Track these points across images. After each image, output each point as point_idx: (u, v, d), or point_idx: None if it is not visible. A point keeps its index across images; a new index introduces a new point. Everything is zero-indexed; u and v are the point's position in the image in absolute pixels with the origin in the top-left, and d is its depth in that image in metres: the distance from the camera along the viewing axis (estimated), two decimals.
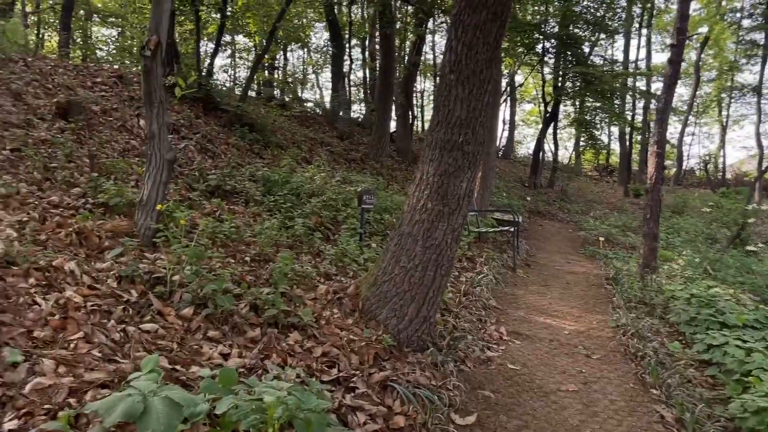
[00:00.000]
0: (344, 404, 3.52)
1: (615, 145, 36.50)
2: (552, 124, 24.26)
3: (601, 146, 31.06)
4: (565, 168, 29.16)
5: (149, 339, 3.49)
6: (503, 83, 25.62)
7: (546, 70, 23.80)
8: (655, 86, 31.20)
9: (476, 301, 6.94)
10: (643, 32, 31.81)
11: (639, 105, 30.92)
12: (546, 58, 22.55)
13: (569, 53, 21.00)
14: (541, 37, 20.76)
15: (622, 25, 23.97)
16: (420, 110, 31.63)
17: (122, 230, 5.00)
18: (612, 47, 32.00)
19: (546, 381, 5.04)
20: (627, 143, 30.29)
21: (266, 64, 23.62)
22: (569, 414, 4.42)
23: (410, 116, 19.96)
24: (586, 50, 22.24)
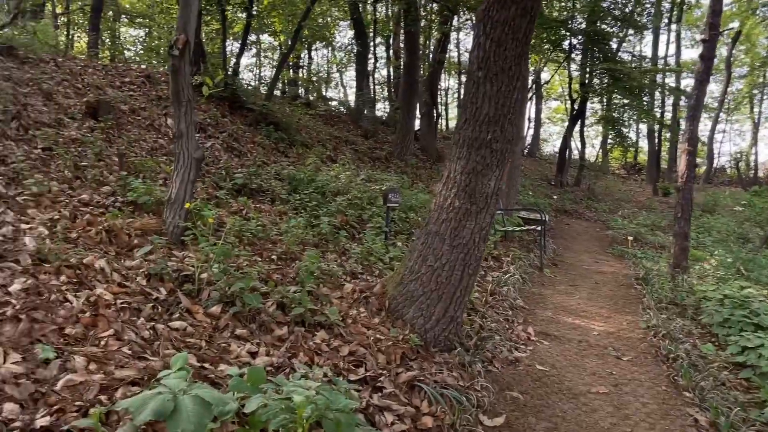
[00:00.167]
0: (371, 404, 3.50)
1: (643, 143, 35.95)
2: (579, 122, 23.94)
3: (629, 144, 30.55)
4: (592, 166, 28.73)
5: (178, 337, 3.51)
6: (529, 80, 25.35)
7: (573, 67, 23.49)
8: (685, 83, 30.66)
9: (503, 301, 6.87)
10: (673, 28, 31.16)
11: (668, 102, 30.33)
12: (573, 55, 22.25)
13: (596, 49, 20.67)
14: (568, 34, 20.45)
15: (652, 21, 23.53)
16: (444, 108, 31.49)
17: (151, 228, 5.04)
18: (640, 43, 31.56)
19: (575, 382, 4.95)
20: (656, 141, 29.74)
21: (291, 63, 23.75)
22: (600, 416, 4.34)
23: (435, 114, 19.87)
24: (614, 46, 21.88)
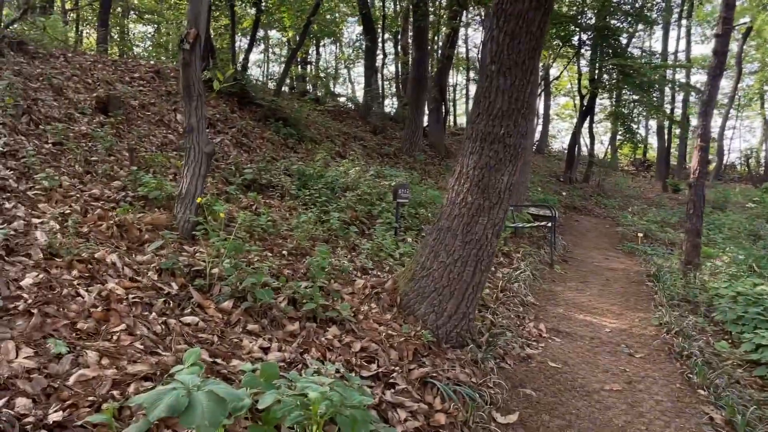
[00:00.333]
0: (384, 400, 3.46)
1: (652, 139, 35.72)
2: (588, 118, 23.79)
3: (639, 140, 30.34)
4: (601, 162, 28.56)
5: (190, 332, 3.49)
6: (538, 76, 25.19)
7: (582, 63, 23.34)
8: (695, 78, 30.49)
9: (514, 297, 6.83)
10: (683, 23, 30.92)
11: (678, 98, 30.10)
12: (582, 51, 22.09)
13: (606, 45, 20.51)
14: (578, 29, 20.31)
15: (662, 16, 23.33)
16: (452, 104, 31.38)
17: (162, 223, 5.03)
18: (650, 39, 31.29)
19: (588, 380, 4.90)
20: (665, 137, 29.51)
21: (299, 59, 23.70)
22: (614, 414, 4.29)
23: (443, 110, 19.79)
24: (624, 42, 21.71)
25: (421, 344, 4.34)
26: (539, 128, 32.98)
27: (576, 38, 21.08)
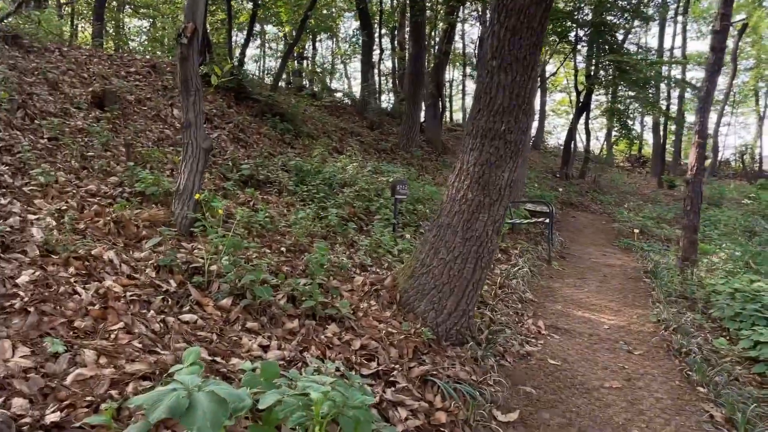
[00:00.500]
0: (385, 399, 3.44)
1: (647, 136, 35.71)
2: (584, 114, 23.77)
3: (635, 136, 30.34)
4: (597, 159, 28.57)
5: (188, 330, 3.45)
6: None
7: (578, 59, 23.30)
8: (690, 75, 30.46)
9: (512, 294, 6.81)
10: (679, 19, 30.91)
11: (674, 94, 30.14)
12: (579, 47, 22.05)
13: (602, 41, 20.48)
14: (574, 25, 20.28)
15: (659, 12, 23.32)
16: (449, 100, 31.33)
17: (159, 219, 4.98)
18: (646, 35, 31.28)
19: (588, 377, 4.89)
20: (661, 133, 29.54)
21: (295, 54, 23.59)
22: (614, 412, 4.28)
23: (440, 106, 19.74)
24: (620, 38, 21.68)
25: (421, 342, 4.32)
26: (535, 124, 32.99)
27: (573, 34, 21.04)
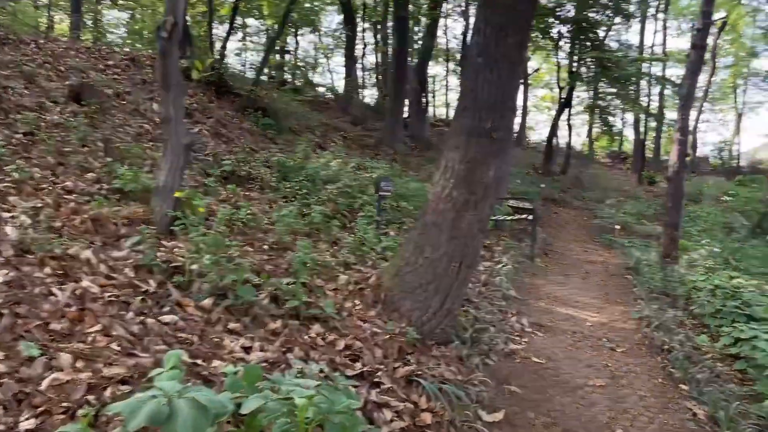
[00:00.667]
0: (370, 400, 3.39)
1: (628, 132, 35.97)
2: (566, 110, 23.87)
3: (616, 133, 30.55)
4: (579, 155, 28.75)
5: (169, 331, 3.37)
6: None
7: (561, 55, 23.39)
8: (670, 72, 30.67)
9: (496, 291, 6.80)
10: (659, 16, 31.17)
11: (654, 91, 30.38)
12: (561, 43, 22.14)
13: (584, 38, 20.56)
14: (557, 22, 20.33)
15: (640, 9, 23.47)
16: (432, 96, 31.31)
17: (138, 217, 4.88)
18: (627, 31, 31.51)
19: (572, 375, 4.89)
20: (641, 130, 29.78)
21: (278, 48, 23.36)
22: (599, 410, 4.29)
23: (423, 102, 19.70)
24: (602, 35, 21.80)
25: (406, 342, 4.28)
26: (518, 120, 33.06)
27: (555, 31, 21.11)
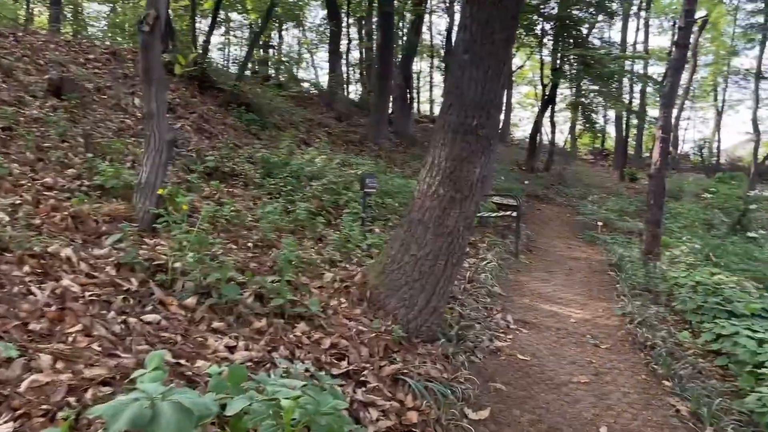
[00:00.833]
0: (356, 399, 3.37)
1: (610, 129, 36.24)
2: (549, 107, 24.00)
3: (598, 130, 30.79)
4: (562, 152, 28.94)
5: (151, 331, 3.31)
6: None
7: (544, 52, 23.50)
8: (652, 69, 30.99)
9: (481, 288, 6.81)
10: (642, 15, 31.44)
11: (636, 89, 30.64)
12: (545, 40, 22.23)
13: (567, 35, 20.67)
14: (541, 19, 20.41)
15: (622, 7, 23.64)
16: (417, 92, 31.28)
17: (120, 214, 4.80)
18: (610, 29, 31.73)
19: (557, 372, 4.91)
20: (623, 127, 30.06)
21: (261, 43, 23.18)
22: (583, 407, 4.30)
23: (408, 98, 19.67)
24: (585, 32, 21.92)
25: (392, 340, 4.26)
26: (502, 117, 33.11)
27: (539, 28, 21.19)
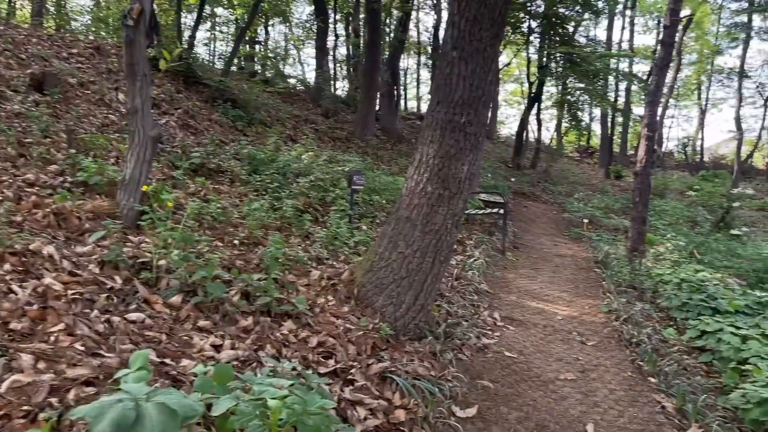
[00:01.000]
0: (343, 398, 3.34)
1: (596, 126, 36.52)
2: (535, 105, 24.10)
3: (584, 127, 31.02)
4: (548, 149, 29.10)
5: (135, 330, 3.26)
6: None
7: (531, 50, 23.58)
8: (637, 68, 31.21)
9: (468, 286, 6.81)
10: (627, 13, 31.68)
11: (621, 87, 30.88)
12: (531, 38, 22.30)
13: (554, 33, 20.73)
14: (527, 16, 20.45)
15: (608, 5, 23.77)
16: (404, 89, 31.26)
17: (104, 211, 4.73)
18: (596, 27, 31.91)
19: (544, 369, 4.92)
20: (609, 125, 30.29)
21: (247, 38, 23.02)
22: (570, 404, 4.31)
23: (395, 95, 19.64)
24: (571, 30, 22.01)
25: (380, 338, 4.24)
26: (488, 114, 33.16)
27: (525, 25, 21.24)
